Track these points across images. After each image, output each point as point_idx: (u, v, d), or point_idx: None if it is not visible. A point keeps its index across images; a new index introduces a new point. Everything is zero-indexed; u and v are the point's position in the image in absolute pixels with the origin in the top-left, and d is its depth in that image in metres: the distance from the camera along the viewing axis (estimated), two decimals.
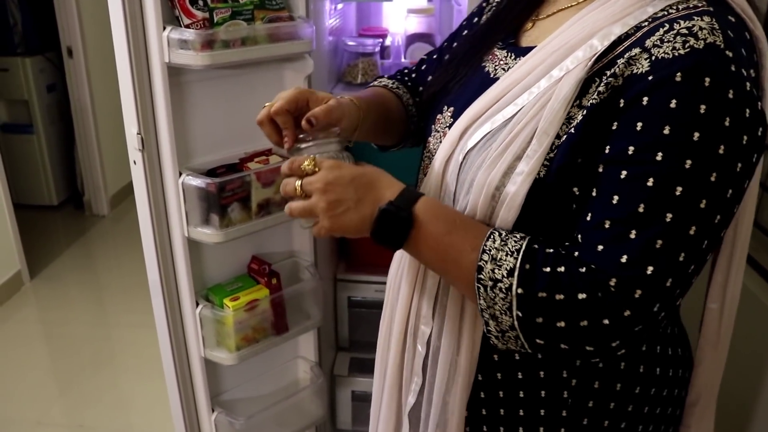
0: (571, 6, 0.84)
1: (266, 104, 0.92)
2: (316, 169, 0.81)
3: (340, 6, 2.06)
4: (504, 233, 0.75)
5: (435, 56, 1.15)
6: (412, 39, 2.15)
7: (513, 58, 0.89)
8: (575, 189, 0.75)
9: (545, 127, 0.74)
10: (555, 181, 0.74)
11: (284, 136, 0.90)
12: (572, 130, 0.73)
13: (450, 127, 0.89)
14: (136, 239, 1.56)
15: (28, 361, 2.76)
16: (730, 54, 0.66)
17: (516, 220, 0.77)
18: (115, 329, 3.00)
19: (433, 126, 0.96)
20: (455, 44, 1.09)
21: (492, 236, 0.75)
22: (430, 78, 1.10)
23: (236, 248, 1.66)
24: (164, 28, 1.38)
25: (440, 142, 0.90)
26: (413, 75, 1.18)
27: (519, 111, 0.78)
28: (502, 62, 0.90)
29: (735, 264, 0.87)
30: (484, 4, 1.07)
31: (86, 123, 3.89)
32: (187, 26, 1.39)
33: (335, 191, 0.79)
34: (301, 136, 0.90)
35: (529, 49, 0.84)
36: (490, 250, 0.73)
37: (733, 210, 0.70)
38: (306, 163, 0.81)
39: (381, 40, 2.10)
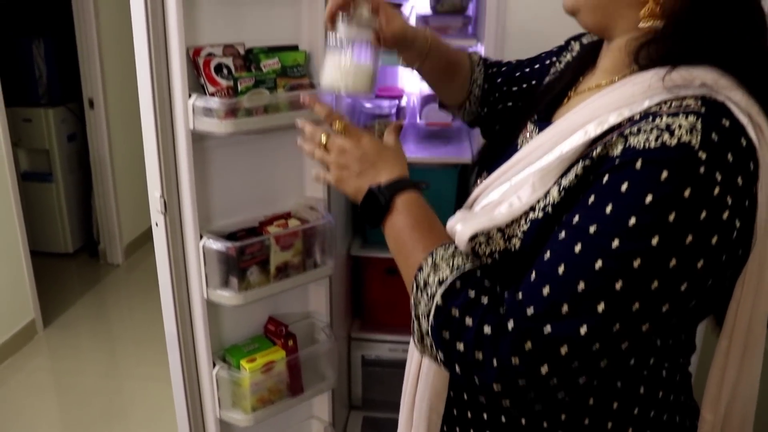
0: (597, 86, 0.87)
1: None
2: (343, 133, 0.92)
3: None
4: (460, 251, 0.79)
5: (513, 63, 1.21)
6: (427, 99, 2.19)
7: (537, 132, 0.92)
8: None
9: (521, 194, 0.78)
10: (528, 252, 0.77)
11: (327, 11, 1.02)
12: (549, 209, 0.76)
13: None
14: (149, 289, 1.58)
15: (39, 413, 2.75)
16: (703, 156, 0.65)
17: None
18: (126, 381, 2.99)
19: (473, 189, 1.01)
20: (523, 74, 1.16)
21: (446, 245, 0.79)
22: (498, 80, 1.18)
23: (253, 309, 1.67)
24: (190, 96, 1.42)
25: None
26: (494, 68, 1.23)
27: (510, 187, 0.83)
28: (528, 136, 0.94)
29: (741, 363, 0.83)
30: (560, 49, 1.12)
31: (104, 173, 3.95)
32: (212, 94, 1.43)
33: (346, 157, 0.90)
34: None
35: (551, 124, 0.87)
36: (435, 256, 0.78)
37: (661, 307, 0.67)
38: (337, 124, 0.92)
39: (397, 101, 2.14)
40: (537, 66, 1.15)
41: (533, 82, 1.13)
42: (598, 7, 0.82)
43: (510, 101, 1.16)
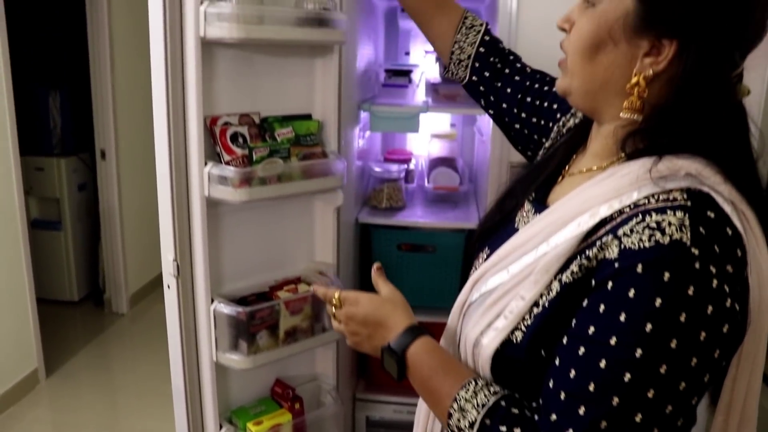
0: (586, 171, 0.91)
1: None
2: (341, 305, 0.98)
3: (367, 133, 2.16)
4: (480, 384, 0.81)
5: (528, 69, 1.25)
6: (435, 163, 2.24)
7: (533, 213, 0.95)
8: (543, 352, 0.80)
9: (523, 293, 0.81)
10: (528, 345, 0.80)
11: None
12: (548, 303, 0.78)
13: None
14: (153, 339, 1.60)
15: None
16: (696, 251, 0.68)
17: (495, 374, 0.83)
18: None
19: (475, 261, 1.04)
20: (535, 94, 1.19)
21: (467, 386, 0.81)
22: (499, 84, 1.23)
23: (261, 371, 1.68)
24: (206, 164, 1.46)
25: None
26: (506, 50, 1.28)
27: (508, 278, 0.85)
28: (524, 216, 0.97)
29: None
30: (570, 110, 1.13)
31: (113, 222, 3.99)
32: (227, 162, 1.47)
33: (352, 325, 0.97)
34: None
35: (546, 208, 0.90)
36: (460, 400, 0.80)
37: (690, 401, 0.71)
38: (335, 299, 0.99)
39: (405, 165, 2.19)
40: (555, 105, 1.15)
41: (550, 110, 1.16)
42: (588, 93, 0.86)
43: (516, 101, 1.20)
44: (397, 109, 1.92)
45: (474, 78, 1.26)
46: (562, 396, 0.72)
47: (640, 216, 0.73)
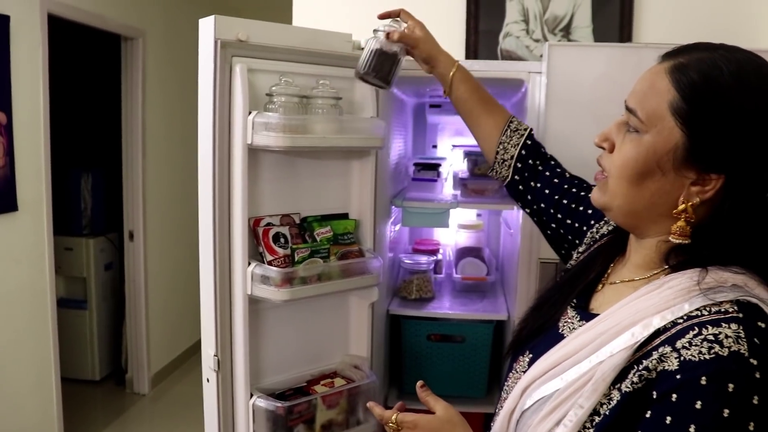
0: (629, 281, 0.95)
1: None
2: (398, 428, 1.02)
3: (397, 227, 2.23)
4: None
5: (562, 177, 1.33)
6: (463, 253, 2.29)
7: (579, 320, 0.98)
8: None
9: (581, 402, 0.83)
10: None
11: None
12: (608, 412, 0.80)
13: (524, 372, 0.98)
14: (175, 420, 1.61)
15: None
16: (755, 362, 0.71)
17: None
18: None
19: (514, 364, 1.06)
20: (571, 200, 1.27)
21: None
22: (538, 185, 1.34)
23: None
24: (249, 264, 1.52)
25: (515, 383, 0.99)
26: (541, 165, 1.37)
27: (564, 385, 0.88)
28: (569, 322, 1.00)
29: None
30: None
31: (138, 302, 4.06)
32: (270, 263, 1.53)
33: None
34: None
35: (593, 315, 0.94)
36: None
37: None
38: (392, 422, 1.03)
39: (434, 257, 2.24)
40: (589, 211, 1.23)
41: (576, 225, 1.24)
42: (630, 212, 0.91)
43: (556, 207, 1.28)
44: (429, 205, 1.99)
45: (516, 177, 1.37)
46: None
47: (696, 329, 0.76)
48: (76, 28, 3.51)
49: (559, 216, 1.28)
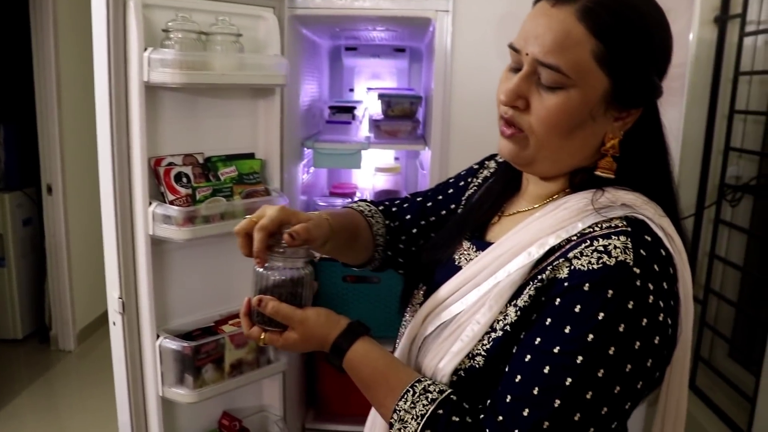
0: (527, 210, 0.97)
1: (249, 217, 0.97)
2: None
3: (311, 170, 2.22)
4: (419, 390, 0.84)
5: (419, 199, 1.24)
6: (380, 195, 2.31)
7: (474, 250, 1.00)
8: (503, 367, 0.84)
9: (478, 318, 0.86)
10: (488, 367, 0.85)
11: (256, 253, 0.95)
12: (507, 327, 0.83)
13: (421, 305, 1.00)
14: (102, 376, 1.59)
15: None
16: (638, 270, 0.76)
17: (457, 394, 0.86)
18: None
19: (411, 299, 1.08)
20: (435, 204, 1.20)
21: (405, 396, 0.84)
22: (407, 217, 1.21)
23: (208, 404, 1.71)
24: (150, 204, 1.50)
25: (412, 317, 1.01)
26: (394, 209, 1.25)
27: (465, 308, 0.90)
28: (465, 253, 1.02)
29: None
30: (476, 167, 1.19)
31: (60, 258, 3.93)
32: (171, 202, 1.51)
33: (292, 347, 0.95)
34: (272, 244, 0.96)
35: (488, 244, 0.96)
36: (399, 411, 0.83)
37: (624, 404, 0.77)
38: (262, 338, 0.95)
39: (350, 199, 2.25)
40: (451, 191, 1.20)
41: (452, 206, 1.19)
42: (558, 161, 0.90)
43: (425, 234, 1.18)
44: (340, 146, 1.99)
45: (392, 253, 1.23)
46: (508, 399, 0.78)
47: (588, 241, 0.80)
48: None
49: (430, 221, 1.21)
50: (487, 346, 0.85)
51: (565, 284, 0.78)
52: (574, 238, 0.83)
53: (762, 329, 1.78)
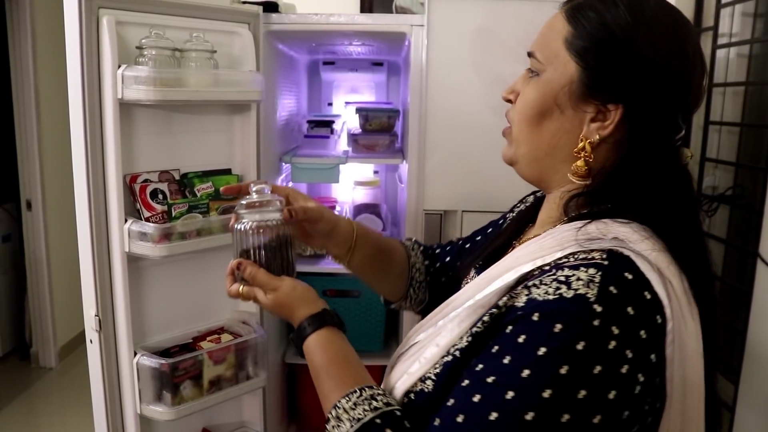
0: (533, 237, 0.91)
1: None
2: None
3: (290, 185, 2.23)
4: (365, 395, 0.83)
5: (460, 242, 1.27)
6: (360, 209, 2.31)
7: (473, 275, 1.01)
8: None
9: (438, 341, 0.83)
10: (437, 393, 0.79)
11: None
12: (457, 353, 0.79)
13: None
14: (83, 393, 1.58)
15: None
16: (599, 308, 0.67)
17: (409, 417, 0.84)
18: None
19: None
20: (472, 243, 1.22)
21: (350, 395, 0.83)
22: (447, 259, 1.24)
23: (187, 420, 1.69)
24: (126, 221, 1.49)
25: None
26: (437, 250, 1.30)
27: (435, 329, 0.89)
28: (469, 277, 1.03)
29: None
30: (517, 203, 1.18)
31: (40, 274, 3.91)
32: (147, 219, 1.51)
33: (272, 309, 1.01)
34: (246, 201, 1.05)
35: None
36: (339, 408, 0.83)
37: None
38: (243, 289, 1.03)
39: None
40: (490, 230, 1.20)
41: (489, 230, 1.21)
42: (534, 159, 0.88)
43: None
44: (318, 161, 1.99)
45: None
46: (437, 422, 0.74)
47: (554, 270, 0.73)
48: None
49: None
50: (438, 371, 0.81)
51: (519, 312, 0.72)
52: (547, 267, 0.77)
53: (740, 338, 1.80)
